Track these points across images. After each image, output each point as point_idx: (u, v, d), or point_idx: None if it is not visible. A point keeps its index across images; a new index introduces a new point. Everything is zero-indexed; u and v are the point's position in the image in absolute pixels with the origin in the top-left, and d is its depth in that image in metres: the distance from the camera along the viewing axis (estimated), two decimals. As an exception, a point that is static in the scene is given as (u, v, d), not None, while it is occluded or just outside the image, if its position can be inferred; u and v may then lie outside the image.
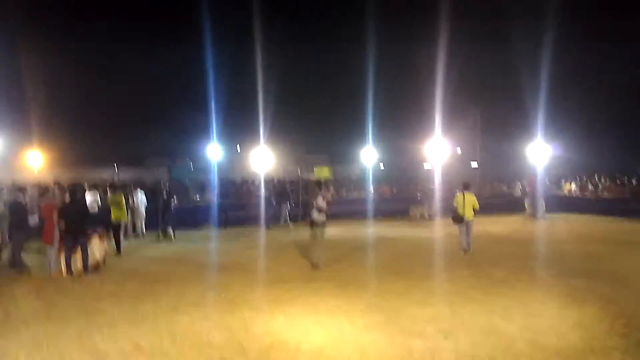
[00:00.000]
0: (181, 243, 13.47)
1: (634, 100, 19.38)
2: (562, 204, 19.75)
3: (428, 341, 5.12)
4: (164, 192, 14.90)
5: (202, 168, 25.43)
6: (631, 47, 21.74)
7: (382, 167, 29.41)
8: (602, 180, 20.09)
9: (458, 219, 10.65)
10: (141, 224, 14.87)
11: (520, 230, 14.63)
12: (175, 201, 15.14)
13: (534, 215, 18.10)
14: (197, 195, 19.32)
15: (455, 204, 10.86)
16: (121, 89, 26.23)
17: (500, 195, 21.43)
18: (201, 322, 5.89)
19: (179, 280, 8.30)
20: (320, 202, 9.27)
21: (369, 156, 22.43)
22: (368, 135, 23.05)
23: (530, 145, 20.63)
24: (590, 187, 20.23)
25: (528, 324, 5.57)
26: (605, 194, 19.13)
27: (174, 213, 14.64)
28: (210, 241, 14.16)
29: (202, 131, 23.00)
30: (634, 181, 18.81)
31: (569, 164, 23.27)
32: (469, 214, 10.54)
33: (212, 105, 21.59)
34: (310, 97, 30.25)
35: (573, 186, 21.17)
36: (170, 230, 14.05)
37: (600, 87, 22.19)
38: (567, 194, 20.93)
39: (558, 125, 21.43)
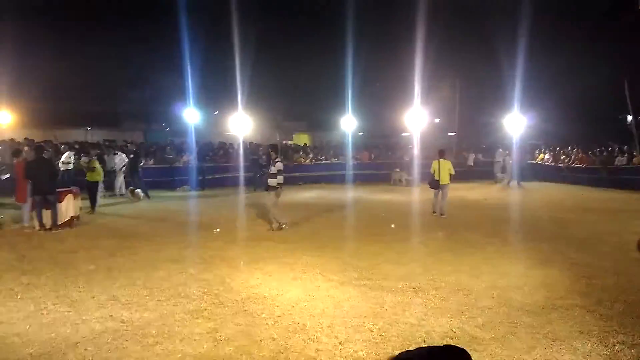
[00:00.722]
0: (159, 203, 13.44)
1: (606, 74, 19.74)
2: (536, 173, 20.33)
3: (399, 296, 5.31)
4: (132, 154, 15.08)
5: (179, 131, 25.01)
6: (605, 23, 21.99)
7: (361, 134, 29.47)
8: (574, 150, 20.64)
9: (434, 184, 11.13)
10: (121, 184, 14.97)
11: (495, 197, 15.03)
12: (145, 162, 15.23)
13: (508, 182, 18.68)
14: (177, 157, 19.15)
15: (432, 171, 11.26)
16: (96, 49, 25.18)
17: (477, 163, 21.88)
18: (178, 276, 5.97)
19: (156, 238, 8.32)
20: (274, 168, 9.23)
21: (348, 123, 22.44)
22: (348, 103, 22.99)
23: (507, 116, 21.01)
24: (562, 156, 20.79)
25: (495, 283, 5.82)
26: (577, 164, 19.70)
27: (147, 174, 14.78)
28: (189, 201, 14.16)
29: (179, 95, 22.47)
30: (604, 152, 19.38)
31: (542, 134, 23.79)
32: (444, 179, 10.98)
33: (189, 68, 21.02)
34: (290, 64, 29.68)
35: (546, 156, 21.69)
36: (140, 191, 14.01)
37: (575, 61, 22.50)
38: (540, 163, 21.48)
39: (533, 97, 21.79)
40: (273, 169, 9.26)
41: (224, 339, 4.14)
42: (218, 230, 9.17)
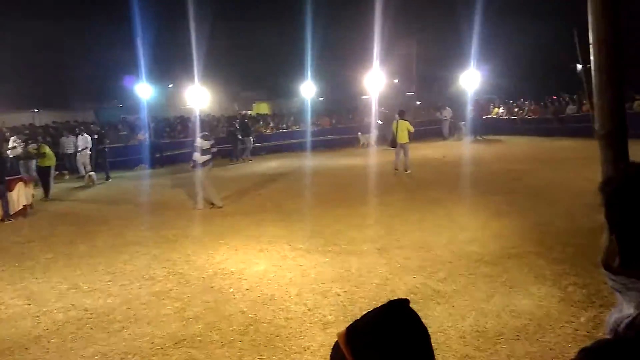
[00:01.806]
0: (116, 184, 13.07)
1: (556, 25, 20.17)
2: (491, 127, 20.90)
3: (365, 259, 5.43)
4: (97, 134, 14.71)
5: (132, 107, 24.09)
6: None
7: (321, 100, 29.28)
8: (527, 103, 21.24)
9: (393, 143, 11.70)
10: (86, 167, 14.63)
11: (453, 154, 15.37)
12: (106, 143, 14.88)
13: (465, 137, 19.27)
14: (131, 135, 18.55)
15: (392, 130, 11.69)
16: (38, 24, 23.51)
17: (435, 121, 22.21)
18: (141, 259, 5.88)
19: (115, 221, 8.12)
20: (200, 142, 8.88)
21: (308, 90, 22.20)
22: (307, 69, 22.67)
23: (463, 73, 21.28)
24: (516, 109, 21.37)
25: (455, 237, 6.02)
26: (530, 116, 20.32)
27: (107, 154, 14.45)
28: (147, 181, 13.81)
29: (131, 69, 21.48)
30: (555, 102, 20.03)
31: (497, 88, 24.31)
32: (402, 138, 11.44)
33: (140, 41, 20.03)
34: (246, 32, 28.79)
35: (500, 109, 22.25)
36: (94, 174, 13.65)
37: (527, 14, 22.87)
38: (495, 117, 22.04)
39: (488, 53, 22.10)
40: (200, 144, 8.82)
41: (193, 317, 4.14)
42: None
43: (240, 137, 17.86)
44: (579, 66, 19.56)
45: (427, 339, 0.80)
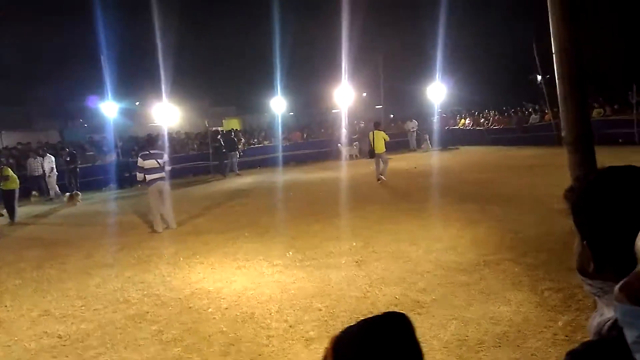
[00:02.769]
0: (84, 205, 12.69)
1: (517, 38, 20.99)
2: (458, 138, 21.43)
3: (344, 272, 5.42)
4: (67, 155, 14.44)
5: (98, 126, 23.51)
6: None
7: (291, 114, 29.36)
8: (492, 113, 21.90)
9: (371, 153, 12.44)
10: (53, 188, 14.29)
11: (423, 164, 15.64)
12: (77, 164, 14.69)
13: (432, 149, 19.73)
14: (98, 155, 18.13)
15: (370, 142, 12.48)
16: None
17: (402, 133, 22.63)
18: (114, 281, 5.69)
19: (85, 243, 7.86)
20: (140, 162, 8.43)
21: (278, 105, 22.25)
22: (276, 84, 22.76)
23: (430, 86, 21.83)
24: (482, 120, 22.00)
25: (431, 247, 6.09)
26: (495, 126, 20.94)
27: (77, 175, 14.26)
28: (116, 201, 13.48)
29: (96, 88, 21.01)
30: (518, 112, 20.73)
31: (462, 100, 25.00)
32: (378, 148, 12.07)
33: (105, 59, 19.63)
34: (215, 48, 28.72)
35: (467, 120, 22.85)
36: (74, 193, 13.31)
37: (489, 28, 23.71)
38: (462, 128, 22.62)
39: (453, 66, 22.77)
40: (150, 163, 8.34)
41: (171, 340, 4.03)
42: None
43: (224, 152, 17.89)
44: (539, 77, 20.47)
45: (418, 356, 0.79)
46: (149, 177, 8.34)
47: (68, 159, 14.28)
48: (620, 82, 16.89)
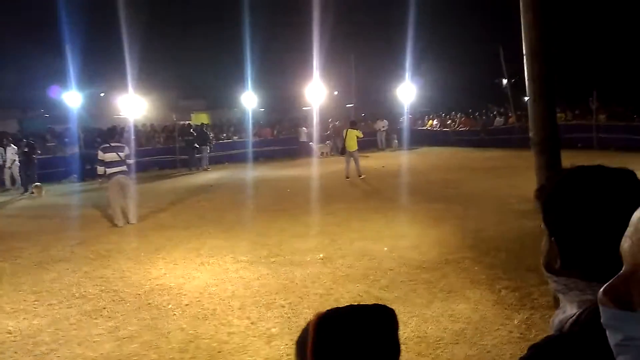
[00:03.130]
0: (44, 197, 12.23)
1: (484, 42, 21.51)
2: (426, 138, 21.80)
3: (309, 269, 5.42)
4: (25, 146, 13.89)
5: (60, 117, 22.69)
6: (485, 5, 23.85)
7: (262, 110, 29.15)
8: (458, 115, 22.37)
9: (342, 150, 12.78)
10: (16, 180, 13.81)
11: (391, 164, 15.81)
12: (38, 153, 14.21)
13: (400, 148, 20.05)
14: (59, 146, 17.50)
15: (343, 139, 12.82)
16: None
17: (372, 132, 22.84)
18: (71, 276, 5.50)
19: (42, 236, 7.57)
20: (100, 155, 8.13)
21: (249, 100, 22.02)
22: (247, 79, 22.52)
23: (400, 86, 22.10)
24: (449, 122, 22.43)
25: (396, 245, 6.16)
26: (461, 127, 21.39)
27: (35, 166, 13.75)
28: (77, 193, 13.05)
29: (58, 76, 20.22)
30: (484, 115, 21.25)
31: (430, 101, 25.43)
32: (350, 146, 12.36)
33: (68, 46, 18.90)
34: (185, 40, 28.12)
35: (434, 122, 23.26)
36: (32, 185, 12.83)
37: (457, 31, 24.21)
38: (429, 129, 23.01)
39: (422, 67, 23.15)
40: (110, 156, 8.10)
41: (127, 337, 3.92)
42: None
43: (197, 146, 17.70)
44: (504, 80, 21.05)
45: (396, 353, 0.79)
46: (109, 170, 8.09)
47: (26, 150, 13.73)
48: (581, 88, 17.53)
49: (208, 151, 18.14)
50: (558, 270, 0.81)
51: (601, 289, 0.58)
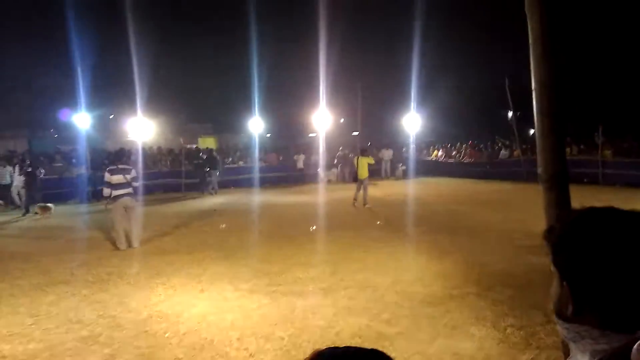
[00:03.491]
0: (47, 218, 12.23)
1: (491, 74, 21.75)
2: (431, 168, 21.81)
3: (310, 299, 5.33)
4: (27, 165, 14.02)
5: (69, 138, 22.96)
6: (490, 27, 24.23)
7: (268, 136, 29.37)
8: (464, 146, 22.42)
9: (355, 177, 12.95)
10: (22, 199, 13.95)
11: (396, 193, 15.77)
12: (41, 173, 14.26)
13: (406, 178, 20.04)
14: (66, 167, 17.63)
15: (355, 166, 13.02)
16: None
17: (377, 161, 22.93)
18: (69, 300, 5.44)
19: (43, 258, 7.53)
20: (107, 177, 8.16)
21: (255, 125, 22.22)
22: (254, 104, 22.80)
23: (405, 116, 22.27)
24: (454, 152, 22.46)
25: (399, 277, 6.07)
26: (467, 159, 21.40)
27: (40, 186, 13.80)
28: (81, 215, 13.05)
29: (68, 97, 20.56)
30: (489, 147, 21.28)
31: (436, 132, 25.57)
32: (362, 174, 12.47)
33: (79, 68, 19.24)
34: (194, 64, 28.65)
35: (440, 152, 23.30)
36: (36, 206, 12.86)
37: (464, 63, 24.56)
38: (434, 160, 23.04)
39: (428, 97, 23.38)
40: (117, 179, 8.11)
41: (123, 366, 3.84)
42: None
43: (207, 170, 17.83)
44: (510, 113, 21.18)
45: None
46: (114, 192, 8.11)
47: (29, 170, 13.85)
48: (587, 122, 17.57)
49: (217, 175, 18.24)
50: (570, 317, 0.77)
51: (636, 346, 0.55)
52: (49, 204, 12.64)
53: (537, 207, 3.42)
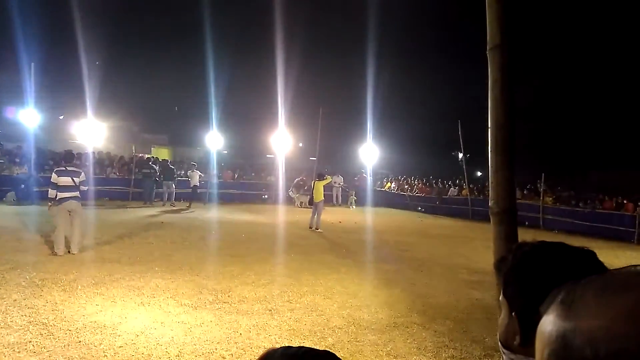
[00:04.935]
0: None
1: (444, 115, 22.77)
2: (383, 199, 22.26)
3: (255, 319, 5.24)
4: None
5: (12, 135, 21.74)
6: (445, 71, 25.54)
7: (225, 152, 29.08)
8: (416, 181, 23.11)
9: (311, 201, 13.21)
10: None
11: (348, 220, 15.94)
12: None
13: (357, 206, 20.31)
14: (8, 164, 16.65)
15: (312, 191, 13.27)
16: None
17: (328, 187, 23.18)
18: (-3, 304, 5.08)
19: (-30, 259, 7.01)
20: (54, 178, 7.85)
21: (213, 140, 21.97)
22: (212, 119, 22.63)
23: (362, 146, 22.79)
24: (406, 186, 23.09)
25: (346, 303, 6.10)
26: (417, 193, 22.04)
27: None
28: (18, 216, 12.30)
29: (15, 94, 19.58)
30: (439, 184, 22.06)
31: (390, 164, 26.28)
32: (316, 197, 12.79)
33: (27, 64, 18.42)
34: (152, 72, 28.15)
35: (392, 184, 23.89)
36: None
37: (419, 102, 25.64)
38: (387, 190, 23.57)
39: (384, 130, 24.13)
40: (65, 181, 7.79)
41: (51, 376, 3.61)
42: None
43: (157, 180, 17.37)
44: (460, 155, 22.14)
45: None
46: (60, 194, 7.73)
47: None
48: (531, 170, 18.62)
49: (174, 187, 17.77)
50: (516, 348, 0.77)
51: None
52: None
53: (481, 245, 3.59)
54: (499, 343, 0.81)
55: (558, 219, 16.02)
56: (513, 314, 0.78)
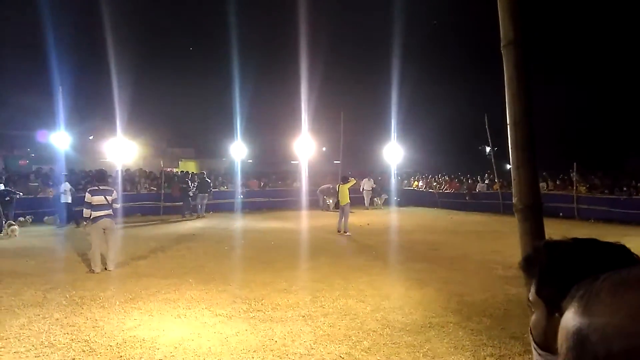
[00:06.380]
0: (21, 238, 11.89)
1: (471, 110, 22.41)
2: (411, 198, 22.05)
3: (289, 326, 5.27)
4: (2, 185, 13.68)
5: (46, 158, 22.57)
6: (470, 65, 25.12)
7: (250, 162, 29.40)
8: (444, 178, 22.80)
9: (337, 205, 13.37)
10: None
11: (376, 222, 15.84)
12: (18, 194, 13.91)
13: (384, 206, 20.20)
14: (42, 187, 17.25)
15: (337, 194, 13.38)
16: None
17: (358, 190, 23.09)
18: (41, 323, 5.25)
19: (14, 279, 7.29)
20: (88, 197, 8.04)
21: (237, 150, 22.25)
22: (237, 130, 22.93)
23: (386, 146, 22.63)
24: (434, 183, 22.80)
25: (379, 305, 6.06)
26: (446, 190, 21.73)
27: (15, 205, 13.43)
28: (56, 236, 12.73)
29: (47, 117, 20.31)
30: (469, 179, 21.69)
31: (417, 162, 26.01)
32: (342, 201, 12.79)
33: (59, 87, 19.07)
34: (177, 88, 28.75)
35: (420, 183, 23.62)
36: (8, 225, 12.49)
37: (445, 98, 25.29)
38: (415, 189, 23.33)
39: (409, 129, 23.91)
40: (98, 200, 8.01)
41: (96, 391, 3.71)
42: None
43: (191, 195, 17.73)
44: (488, 148, 21.74)
45: None
46: (94, 213, 7.97)
47: (5, 190, 13.55)
48: (563, 159, 18.12)
49: (206, 199, 18.13)
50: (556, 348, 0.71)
51: None
52: (13, 223, 12.34)
53: (515, 239, 3.51)
54: (534, 345, 0.78)
55: (593, 208, 15.53)
56: (556, 315, 0.73)
